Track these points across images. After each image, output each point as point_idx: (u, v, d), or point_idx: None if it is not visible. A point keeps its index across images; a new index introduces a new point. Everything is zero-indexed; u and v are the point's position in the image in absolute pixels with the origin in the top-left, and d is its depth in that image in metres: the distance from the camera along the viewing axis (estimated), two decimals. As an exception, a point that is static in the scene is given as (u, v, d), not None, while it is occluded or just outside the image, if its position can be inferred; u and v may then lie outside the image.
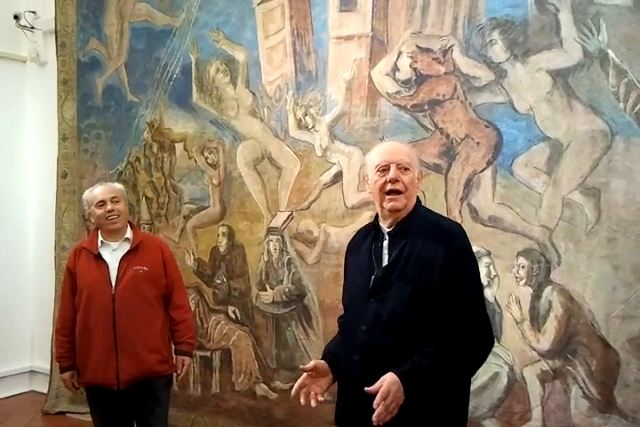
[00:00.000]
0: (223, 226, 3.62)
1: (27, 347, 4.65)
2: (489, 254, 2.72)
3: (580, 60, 2.52)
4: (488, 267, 2.72)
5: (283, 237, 3.39)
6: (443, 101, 2.85)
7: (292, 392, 1.84)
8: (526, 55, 2.64)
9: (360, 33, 3.08)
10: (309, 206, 3.28)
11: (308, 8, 3.25)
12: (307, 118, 3.28)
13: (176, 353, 2.79)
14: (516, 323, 2.67)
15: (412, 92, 2.93)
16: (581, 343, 2.52)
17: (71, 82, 4.28)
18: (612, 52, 2.45)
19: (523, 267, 2.66)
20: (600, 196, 2.49)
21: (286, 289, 3.39)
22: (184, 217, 3.78)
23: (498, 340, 2.68)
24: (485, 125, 2.74)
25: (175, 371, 2.78)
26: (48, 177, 4.39)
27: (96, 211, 2.68)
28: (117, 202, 2.70)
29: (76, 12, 4.22)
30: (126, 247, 2.70)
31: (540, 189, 2.62)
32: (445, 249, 1.77)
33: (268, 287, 3.46)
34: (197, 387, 3.74)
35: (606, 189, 2.47)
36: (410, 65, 2.93)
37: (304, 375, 1.85)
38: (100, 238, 2.71)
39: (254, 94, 3.46)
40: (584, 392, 2.52)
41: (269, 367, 3.46)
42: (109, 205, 2.66)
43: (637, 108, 2.42)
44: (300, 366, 1.89)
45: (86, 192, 2.78)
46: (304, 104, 3.28)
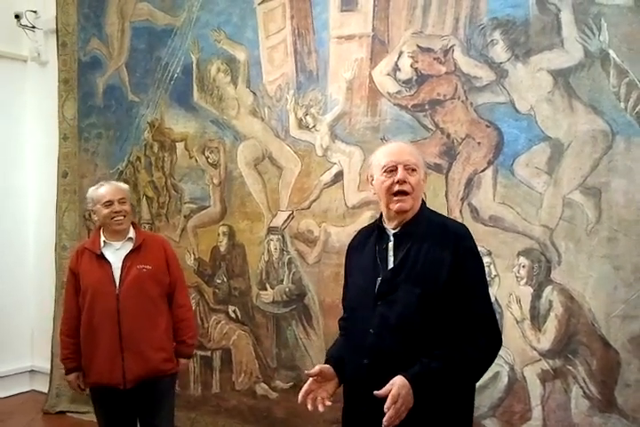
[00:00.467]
0: (224, 225, 3.62)
1: (27, 346, 4.65)
2: (489, 254, 2.72)
3: (581, 60, 2.52)
4: (489, 266, 2.72)
5: (283, 236, 3.39)
6: (443, 101, 2.85)
7: (299, 399, 1.82)
8: (527, 55, 2.64)
9: (361, 33, 3.09)
10: (310, 206, 3.28)
11: (308, 8, 3.26)
12: (307, 118, 3.28)
13: (175, 354, 2.77)
14: (517, 322, 2.67)
15: (412, 92, 2.94)
16: (582, 343, 2.52)
17: (72, 81, 4.29)
18: (612, 52, 2.46)
19: (523, 266, 2.66)
20: (600, 195, 2.49)
21: (287, 289, 3.39)
22: (184, 217, 3.78)
23: (498, 339, 2.70)
24: (486, 125, 2.74)
25: (178, 370, 2.79)
26: (49, 176, 4.40)
27: (102, 210, 2.66)
28: (124, 203, 2.69)
29: (77, 12, 4.22)
30: (129, 247, 2.69)
31: (541, 189, 2.62)
32: (453, 250, 1.76)
33: (268, 287, 3.46)
34: (198, 387, 3.74)
35: (607, 189, 2.48)
36: (411, 65, 2.93)
37: (309, 381, 1.83)
38: (103, 238, 2.70)
39: (255, 94, 3.46)
40: (584, 392, 2.52)
41: (270, 367, 3.46)
42: (117, 206, 2.65)
43: (638, 108, 2.42)
44: (306, 371, 1.88)
45: (91, 190, 2.75)
46: (305, 104, 3.28)
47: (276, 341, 3.44)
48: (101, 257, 2.67)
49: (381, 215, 1.92)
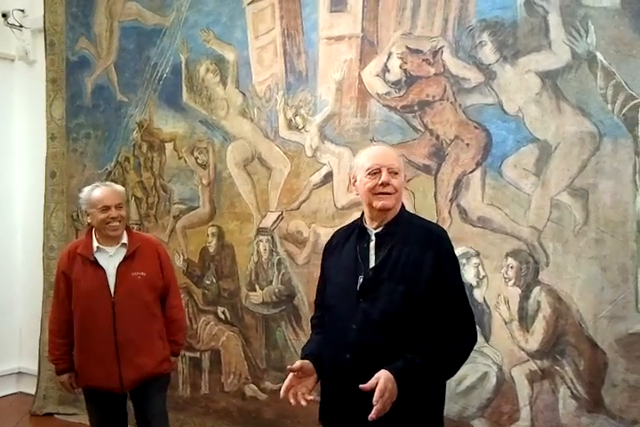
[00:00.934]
0: (213, 226, 3.61)
1: (15, 348, 4.61)
2: (478, 255, 2.73)
3: (569, 62, 2.53)
4: (477, 267, 2.73)
5: (272, 237, 3.38)
6: (432, 102, 2.85)
7: (281, 394, 1.88)
8: (515, 57, 2.65)
9: (350, 34, 3.09)
10: (299, 207, 3.28)
11: (298, 8, 3.25)
12: (297, 119, 3.28)
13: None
14: (505, 323, 2.68)
15: (401, 93, 2.94)
16: (569, 343, 2.54)
17: (60, 81, 4.25)
18: (600, 55, 2.47)
19: (511, 267, 2.67)
20: (588, 197, 2.50)
21: (276, 290, 3.39)
22: (174, 217, 3.77)
23: (487, 340, 2.70)
24: (475, 127, 2.75)
25: (172, 369, 2.80)
26: (36, 177, 4.36)
27: (98, 215, 2.58)
28: (121, 208, 2.63)
29: (65, 11, 4.19)
30: (123, 253, 2.63)
31: (529, 190, 2.63)
32: (435, 252, 1.86)
33: (257, 288, 3.45)
34: (186, 388, 3.72)
35: (594, 191, 2.49)
36: (400, 66, 2.93)
37: (290, 376, 1.89)
38: (96, 244, 2.63)
39: (244, 94, 3.45)
40: (572, 392, 2.54)
41: (259, 368, 3.45)
42: (114, 212, 2.59)
43: (625, 109, 2.43)
44: (288, 366, 1.92)
45: (86, 191, 2.65)
46: (294, 104, 3.27)
47: (265, 342, 3.43)
48: (95, 263, 2.61)
49: (362, 215, 1.99)
